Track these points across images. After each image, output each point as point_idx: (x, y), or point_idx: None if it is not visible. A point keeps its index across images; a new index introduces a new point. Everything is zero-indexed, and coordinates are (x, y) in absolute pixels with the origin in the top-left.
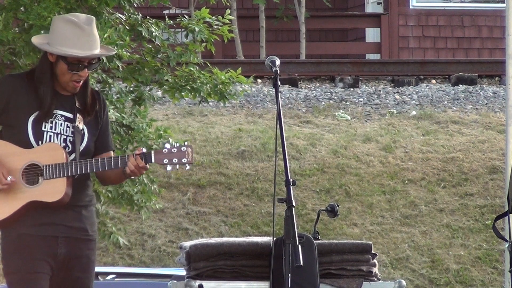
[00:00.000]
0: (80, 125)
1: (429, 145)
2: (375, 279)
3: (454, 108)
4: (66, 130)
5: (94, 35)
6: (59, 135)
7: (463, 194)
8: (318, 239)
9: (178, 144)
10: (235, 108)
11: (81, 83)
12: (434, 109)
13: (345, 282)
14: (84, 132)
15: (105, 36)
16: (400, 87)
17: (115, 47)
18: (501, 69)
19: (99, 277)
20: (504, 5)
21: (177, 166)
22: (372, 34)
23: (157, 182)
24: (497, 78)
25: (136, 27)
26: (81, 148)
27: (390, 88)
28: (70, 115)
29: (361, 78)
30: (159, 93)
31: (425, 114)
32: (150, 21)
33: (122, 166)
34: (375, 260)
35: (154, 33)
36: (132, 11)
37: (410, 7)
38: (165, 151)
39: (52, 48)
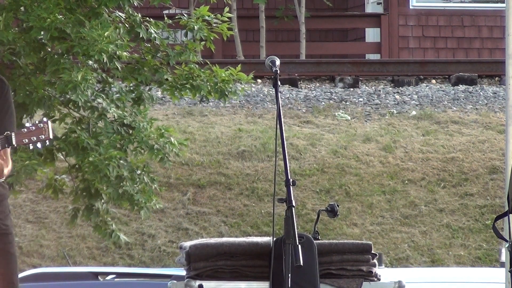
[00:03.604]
0: None
1: (429, 145)
2: (375, 279)
3: (454, 108)
4: None
5: None
6: None
7: (463, 194)
8: (318, 239)
9: (37, 122)
10: (235, 108)
11: None
12: (434, 109)
13: (345, 282)
14: None
15: (106, 35)
16: (400, 87)
17: (115, 47)
18: (501, 69)
19: (99, 277)
20: (504, 5)
21: (38, 144)
22: (372, 34)
23: (158, 181)
24: (497, 78)
25: (135, 28)
26: None
27: (390, 88)
28: None
29: (361, 78)
30: (159, 93)
31: (425, 114)
32: (149, 21)
33: None
34: (375, 260)
35: (153, 35)
36: (131, 12)
37: (410, 7)
38: (24, 130)
39: None
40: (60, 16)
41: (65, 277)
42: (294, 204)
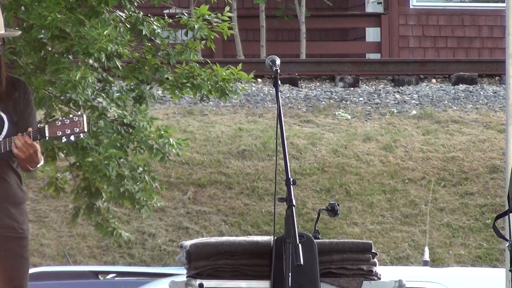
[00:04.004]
0: None
1: (429, 144)
2: (376, 278)
3: (454, 108)
4: None
5: None
6: None
7: (463, 193)
8: (318, 238)
9: (71, 115)
10: (236, 107)
11: None
12: (434, 108)
13: (345, 281)
14: (3, 120)
15: (105, 33)
16: (400, 87)
17: (117, 45)
18: (501, 69)
19: (100, 276)
20: (504, 4)
21: (72, 138)
22: (372, 34)
23: (158, 180)
24: (497, 78)
25: (137, 26)
26: (2, 136)
27: (390, 88)
28: None
29: (361, 78)
30: (160, 92)
31: (425, 113)
32: (151, 18)
33: (10, 148)
34: (375, 259)
35: (156, 30)
36: (133, 10)
37: (410, 6)
38: (58, 123)
39: None
40: (60, 16)
41: (65, 276)
42: (294, 203)
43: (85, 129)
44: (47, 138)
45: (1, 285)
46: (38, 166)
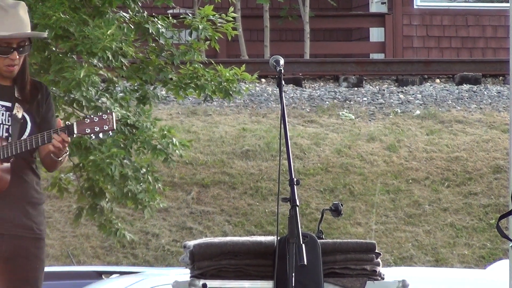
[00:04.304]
0: (19, 113)
1: (433, 144)
2: (379, 278)
3: (458, 108)
4: (8, 120)
5: (20, 16)
6: (1, 125)
7: (467, 193)
8: (322, 238)
9: (100, 113)
10: (239, 107)
11: (15, 67)
12: (438, 108)
13: (349, 281)
14: (26, 121)
15: (108, 33)
16: (404, 87)
17: (122, 44)
18: (505, 69)
19: (103, 276)
20: (508, 4)
21: (101, 135)
22: (376, 34)
23: (161, 181)
24: (501, 78)
25: (143, 25)
26: (25, 136)
27: (394, 88)
28: (8, 104)
29: (365, 78)
30: (163, 92)
31: (429, 113)
32: (156, 18)
33: (49, 141)
34: (379, 259)
35: (160, 30)
36: (137, 9)
37: (414, 6)
38: (86, 120)
39: None
40: (64, 15)
41: (69, 276)
42: (298, 203)
43: (114, 127)
44: (75, 135)
45: (17, 285)
46: (64, 155)
